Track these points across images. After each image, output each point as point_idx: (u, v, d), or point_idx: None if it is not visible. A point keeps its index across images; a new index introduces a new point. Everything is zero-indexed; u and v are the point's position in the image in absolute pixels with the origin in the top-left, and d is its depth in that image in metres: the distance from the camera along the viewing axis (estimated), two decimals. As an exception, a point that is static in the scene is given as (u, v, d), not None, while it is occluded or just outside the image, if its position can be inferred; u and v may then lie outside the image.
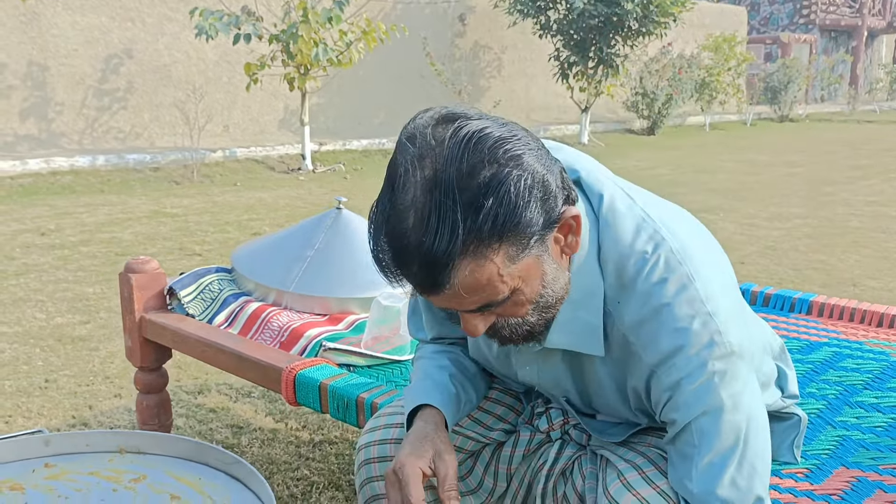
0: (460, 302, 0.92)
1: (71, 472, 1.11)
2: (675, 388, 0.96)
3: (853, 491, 1.22)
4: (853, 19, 26.01)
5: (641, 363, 0.99)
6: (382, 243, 0.89)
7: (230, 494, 1.07)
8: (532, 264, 0.92)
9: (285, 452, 2.34)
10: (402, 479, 1.00)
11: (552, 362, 1.09)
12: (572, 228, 0.95)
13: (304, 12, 7.91)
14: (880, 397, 1.54)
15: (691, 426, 0.96)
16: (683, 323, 0.95)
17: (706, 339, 0.95)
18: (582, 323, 1.01)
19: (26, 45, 8.47)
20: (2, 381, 2.84)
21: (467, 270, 0.87)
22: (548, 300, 0.97)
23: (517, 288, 0.92)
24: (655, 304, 0.96)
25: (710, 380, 0.95)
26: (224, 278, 2.05)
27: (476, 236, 0.85)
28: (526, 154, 0.88)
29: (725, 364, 0.95)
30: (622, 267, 0.99)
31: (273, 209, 6.42)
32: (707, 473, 0.96)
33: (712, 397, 0.95)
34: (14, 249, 4.83)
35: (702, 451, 0.96)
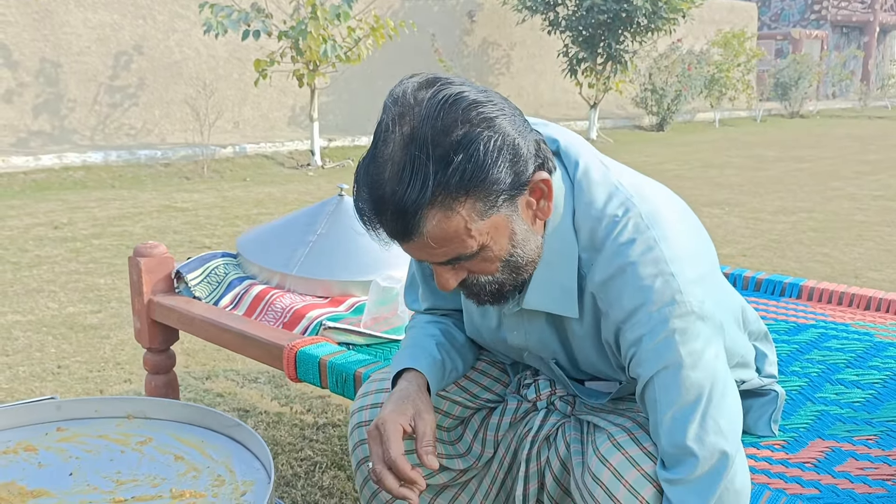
0: (431, 253, 0.98)
1: (81, 436, 1.18)
2: (637, 343, 1.01)
3: (826, 459, 1.27)
4: (865, 15, 25.87)
5: (608, 321, 1.05)
6: (363, 193, 0.96)
7: (231, 454, 1.13)
8: (501, 223, 0.98)
9: (290, 434, 2.41)
10: (383, 434, 1.06)
11: (537, 325, 1.14)
12: (544, 193, 1.01)
13: (313, 9, 7.97)
14: (861, 374, 1.59)
15: (654, 381, 1.01)
16: (646, 281, 1.00)
17: (667, 298, 1.00)
18: (557, 285, 1.07)
19: (39, 42, 8.58)
20: (16, 367, 2.92)
21: (435, 220, 0.94)
22: (518, 260, 1.02)
23: (485, 244, 0.98)
24: (621, 263, 1.02)
25: (671, 336, 0.99)
26: (229, 262, 2.11)
27: (444, 188, 0.92)
28: (499, 118, 0.95)
29: (685, 322, 1.00)
30: (594, 230, 1.04)
31: (282, 204, 6.50)
32: (671, 427, 1.01)
33: (672, 353, 1.00)
34: (28, 242, 4.92)
35: (663, 406, 1.01)
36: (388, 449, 1.04)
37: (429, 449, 1.06)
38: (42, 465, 1.11)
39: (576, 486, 1.10)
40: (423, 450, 1.06)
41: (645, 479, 1.03)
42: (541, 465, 1.20)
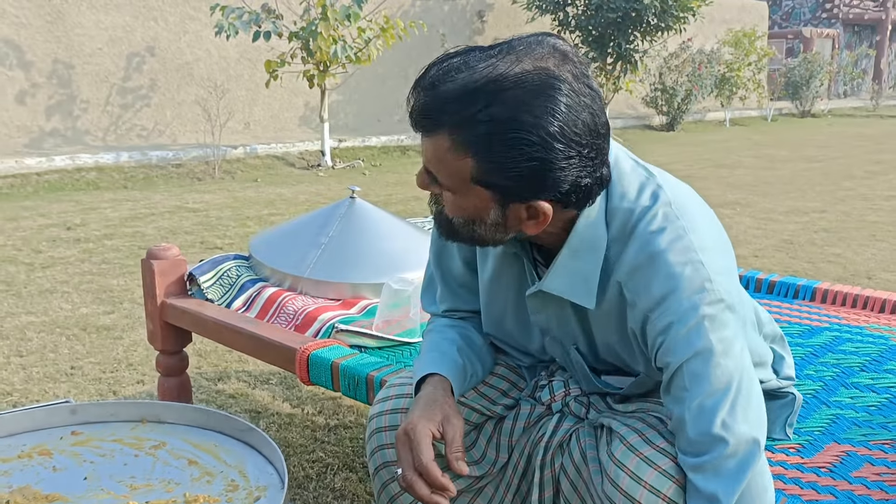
0: (425, 152, 1.03)
1: (96, 439, 1.19)
2: (666, 331, 1.00)
3: (842, 464, 1.26)
4: (877, 13, 25.70)
5: (636, 310, 1.04)
6: (432, 68, 1.00)
7: (244, 459, 1.13)
8: (483, 201, 1.01)
9: (301, 436, 2.41)
10: (412, 440, 1.05)
11: (561, 309, 1.14)
12: (538, 220, 1.03)
13: (324, 10, 7.99)
14: (876, 378, 1.58)
15: (683, 369, 1.00)
16: (676, 269, 1.00)
17: (697, 285, 1.00)
18: (579, 273, 1.07)
19: (52, 43, 8.63)
20: (30, 368, 2.93)
21: (440, 140, 0.99)
22: (478, 233, 1.05)
23: (457, 191, 1.02)
24: (651, 252, 1.02)
25: (701, 323, 0.99)
26: (242, 265, 2.12)
27: (472, 130, 0.96)
28: (570, 153, 0.96)
29: (715, 310, 1.00)
30: (625, 221, 1.05)
31: (293, 204, 6.51)
32: (699, 416, 0.99)
33: (703, 340, 0.99)
34: (41, 243, 4.95)
35: (693, 394, 0.99)
36: (418, 455, 1.04)
37: (458, 454, 1.05)
38: (57, 469, 1.12)
39: (594, 495, 1.10)
40: (452, 455, 1.05)
41: (664, 477, 1.02)
42: (555, 471, 1.19)
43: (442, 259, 1.32)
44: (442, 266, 1.32)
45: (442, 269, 1.32)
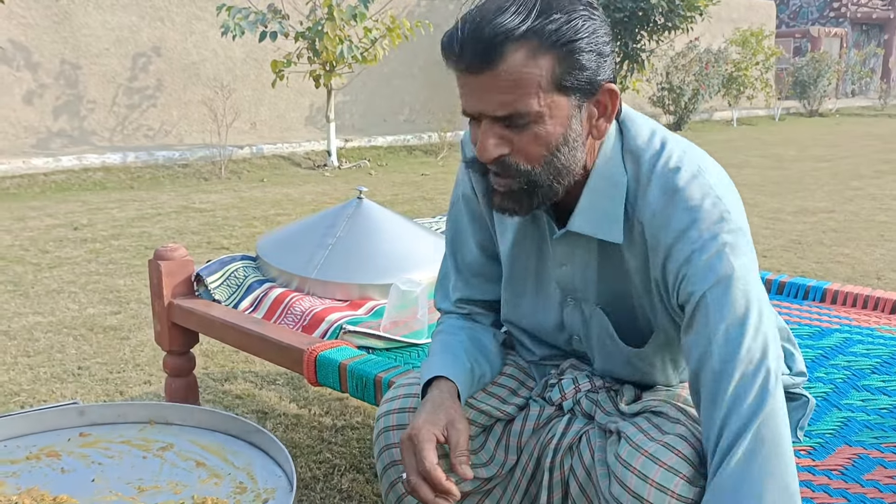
0: (492, 99, 1.00)
1: (104, 441, 1.18)
2: (688, 261, 1.02)
3: (854, 467, 1.25)
4: (885, 12, 25.59)
5: (658, 250, 1.06)
6: (466, 15, 1.01)
7: (252, 460, 1.13)
8: (563, 109, 1.02)
9: (308, 437, 2.41)
10: (416, 444, 1.05)
11: (586, 258, 1.15)
12: (606, 110, 1.06)
13: (330, 10, 7.99)
14: (887, 381, 1.56)
15: (706, 297, 1.01)
16: (695, 202, 1.04)
17: (716, 216, 1.03)
18: (603, 210, 1.09)
19: (59, 44, 8.65)
20: (37, 368, 2.94)
21: (517, 57, 0.98)
22: (559, 162, 1.04)
23: (543, 116, 1.00)
24: (669, 188, 1.05)
25: (721, 250, 1.01)
26: (249, 265, 2.12)
27: (538, 33, 0.98)
28: (601, 21, 1.04)
29: (735, 238, 1.02)
30: (640, 162, 1.09)
31: (299, 204, 6.52)
32: (726, 344, 1.00)
33: (724, 266, 1.01)
34: (48, 243, 4.96)
35: (715, 322, 1.00)
36: (422, 459, 1.04)
37: (462, 459, 1.05)
38: (65, 470, 1.12)
39: (602, 498, 1.09)
40: (456, 459, 1.06)
41: (671, 473, 1.01)
42: (564, 474, 1.19)
43: (456, 247, 1.33)
44: (456, 255, 1.33)
45: (456, 258, 1.33)
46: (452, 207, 1.35)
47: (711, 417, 1.00)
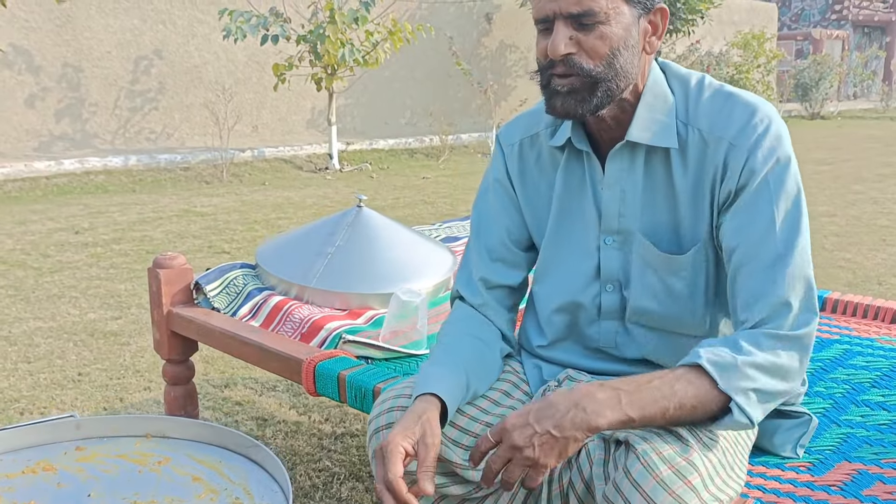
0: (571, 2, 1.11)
1: (100, 455, 1.18)
2: (753, 147, 1.15)
3: (853, 482, 1.24)
4: (887, 14, 25.57)
5: (721, 144, 1.17)
6: None
7: (248, 476, 1.13)
8: (626, 16, 1.14)
9: (308, 444, 2.40)
10: (385, 455, 1.07)
11: (634, 178, 1.24)
12: (657, 29, 1.19)
13: (331, 13, 8.00)
14: (887, 395, 1.56)
15: (768, 178, 1.14)
16: (751, 100, 1.19)
17: (770, 109, 1.18)
18: (658, 121, 1.21)
19: (61, 47, 8.66)
20: (37, 374, 2.94)
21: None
22: (620, 63, 1.16)
23: (609, 16, 1.12)
24: (724, 95, 1.20)
25: (779, 134, 1.17)
26: (248, 274, 2.11)
27: None
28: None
29: (783, 130, 1.18)
30: (687, 84, 1.24)
31: (300, 208, 6.52)
32: (788, 224, 1.13)
33: (783, 148, 1.16)
34: (49, 248, 4.97)
35: (779, 201, 1.13)
36: (387, 470, 1.06)
37: (427, 474, 1.06)
38: (61, 485, 1.12)
39: None
40: (421, 473, 1.07)
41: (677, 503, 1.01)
42: (563, 486, 1.18)
43: (482, 231, 1.39)
44: (481, 237, 1.38)
45: (480, 240, 1.38)
46: (480, 199, 1.41)
47: (765, 282, 1.12)
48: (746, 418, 1.08)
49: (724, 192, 1.18)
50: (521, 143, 1.37)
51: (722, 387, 1.06)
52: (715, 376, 1.07)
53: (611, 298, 1.30)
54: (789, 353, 1.11)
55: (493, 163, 1.41)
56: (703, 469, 1.05)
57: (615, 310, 1.30)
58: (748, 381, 1.07)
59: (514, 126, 1.39)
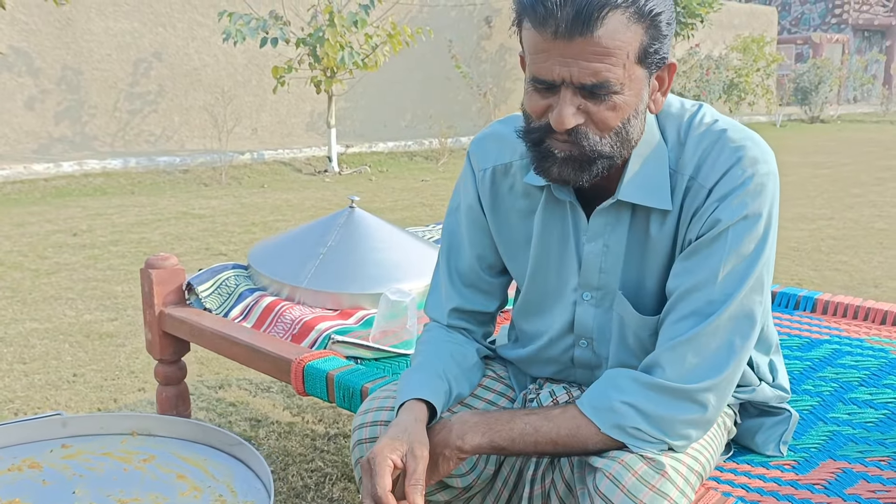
0: (583, 66, 1.00)
1: (86, 453, 1.19)
2: (725, 197, 1.08)
3: (837, 481, 1.25)
4: (887, 18, 25.59)
5: (699, 194, 1.10)
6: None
7: (233, 473, 1.13)
8: (640, 81, 1.05)
9: (301, 445, 2.41)
10: (372, 468, 1.04)
11: (618, 234, 1.17)
12: (663, 84, 1.10)
13: (331, 16, 8.01)
14: (874, 394, 1.56)
15: (728, 231, 1.07)
16: (739, 142, 1.10)
17: (758, 154, 1.10)
18: (650, 177, 1.13)
19: (60, 50, 8.68)
20: (32, 375, 2.94)
21: (614, 24, 0.98)
22: (627, 133, 1.07)
23: (624, 85, 1.02)
24: (715, 135, 1.12)
25: (760, 187, 1.08)
26: (240, 274, 2.12)
27: (634, 4, 0.99)
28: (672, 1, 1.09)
29: (767, 181, 1.09)
30: (678, 124, 1.15)
31: (299, 210, 6.53)
32: (730, 279, 1.07)
33: (756, 203, 1.08)
34: (47, 249, 4.98)
35: (730, 255, 1.07)
36: (375, 484, 1.03)
37: (417, 488, 1.03)
38: (46, 482, 1.12)
39: None
40: (409, 487, 1.04)
41: (659, 497, 1.02)
42: (546, 487, 1.19)
43: (451, 256, 1.33)
44: (451, 265, 1.33)
45: (450, 267, 1.33)
46: (451, 216, 1.35)
47: (680, 330, 1.08)
48: (647, 445, 1.07)
49: (689, 237, 1.12)
50: (494, 170, 1.27)
51: (602, 428, 1.07)
52: (592, 417, 1.08)
53: (584, 353, 1.26)
54: (673, 405, 1.06)
55: (464, 184, 1.32)
56: (683, 466, 1.06)
57: (589, 363, 1.27)
58: (626, 420, 1.06)
59: (486, 150, 1.28)
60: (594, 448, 1.09)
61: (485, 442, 1.09)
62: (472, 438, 1.09)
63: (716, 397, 1.08)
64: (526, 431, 1.09)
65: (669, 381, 1.07)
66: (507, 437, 1.09)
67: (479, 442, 1.09)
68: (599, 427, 1.07)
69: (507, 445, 1.09)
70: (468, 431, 1.10)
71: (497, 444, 1.09)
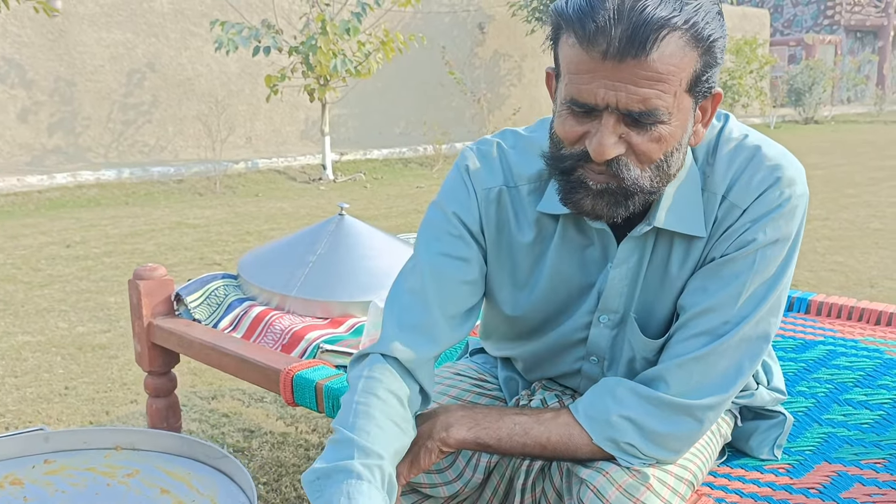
0: (630, 92, 0.91)
1: (69, 468, 1.17)
2: (761, 218, 1.03)
3: (832, 485, 1.23)
4: (879, 19, 25.68)
5: (733, 213, 1.04)
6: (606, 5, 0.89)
7: (217, 488, 1.11)
8: (687, 111, 0.97)
9: (294, 455, 2.39)
10: None
11: (643, 255, 1.09)
12: (706, 114, 1.02)
13: (323, 24, 8.01)
14: (869, 395, 1.55)
15: (757, 254, 1.03)
16: (775, 161, 1.04)
17: (794, 174, 1.04)
18: (684, 201, 1.05)
19: (53, 61, 8.67)
20: (24, 389, 2.92)
21: (671, 47, 0.90)
22: (668, 167, 0.98)
23: (672, 115, 0.94)
24: (748, 150, 1.05)
25: (794, 210, 1.04)
26: (230, 284, 2.10)
27: (693, 26, 0.91)
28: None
29: (800, 202, 1.04)
30: (707, 141, 1.08)
31: (293, 218, 6.51)
32: (750, 301, 1.03)
33: (790, 226, 1.03)
34: (40, 261, 4.95)
35: (754, 278, 1.03)
36: None
37: None
38: (28, 499, 1.10)
39: None
40: None
41: None
42: (536, 496, 1.17)
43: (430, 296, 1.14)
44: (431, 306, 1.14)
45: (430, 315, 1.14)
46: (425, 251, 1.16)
47: (692, 347, 1.04)
48: (636, 461, 1.04)
49: (713, 255, 1.06)
50: (501, 191, 1.13)
51: (595, 439, 1.05)
52: (586, 427, 1.05)
53: (592, 368, 1.22)
54: (671, 421, 1.03)
55: (456, 199, 1.14)
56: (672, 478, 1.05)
57: (595, 376, 1.22)
58: (621, 435, 1.04)
59: (491, 168, 1.14)
60: (583, 456, 1.07)
61: (470, 437, 1.05)
62: (458, 432, 1.05)
63: (714, 414, 1.06)
64: (514, 432, 1.06)
65: (672, 396, 1.04)
66: (494, 435, 1.06)
67: (464, 436, 1.05)
68: (592, 438, 1.05)
69: (493, 444, 1.06)
70: (454, 424, 1.05)
71: (483, 441, 1.06)
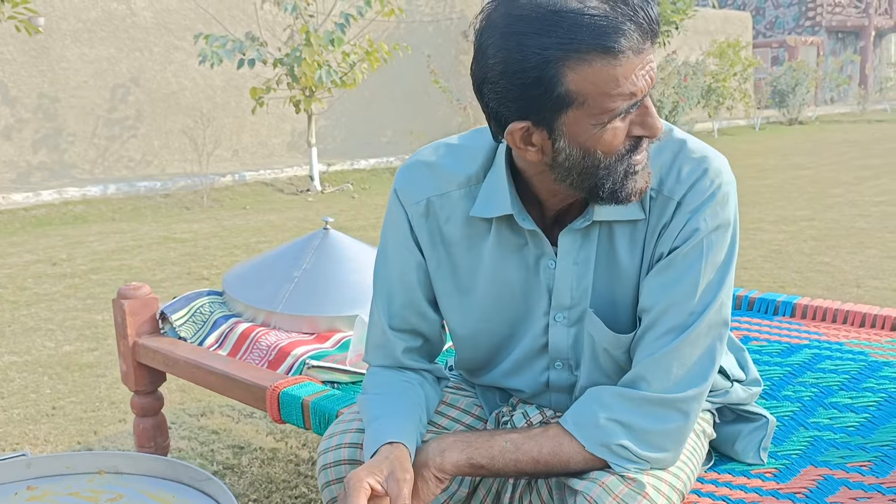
0: (651, 69, 1.02)
1: (52, 494, 1.16)
2: (699, 208, 1.08)
3: (818, 489, 1.24)
4: (860, 19, 25.92)
5: (668, 207, 1.10)
6: None
7: (201, 510, 1.10)
8: None
9: (284, 471, 2.38)
10: (347, 493, 1.00)
11: (587, 249, 1.13)
12: None
13: (307, 35, 8.02)
14: (855, 397, 1.55)
15: (703, 242, 1.08)
16: (700, 153, 1.11)
17: (720, 164, 1.11)
18: None
19: (37, 78, 8.64)
20: (11, 410, 2.90)
21: None
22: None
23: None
24: (674, 144, 1.11)
25: (727, 196, 1.10)
26: (215, 301, 2.09)
27: None
28: None
29: (731, 189, 1.11)
30: None
31: (281, 230, 6.49)
32: (708, 289, 1.09)
33: (726, 212, 1.10)
34: (26, 280, 4.92)
35: (707, 266, 1.09)
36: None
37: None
38: (10, 527, 1.09)
39: None
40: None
41: None
42: (523, 508, 1.17)
43: (389, 305, 1.23)
44: (389, 311, 1.23)
45: (390, 315, 1.23)
46: (383, 260, 1.24)
47: (664, 343, 1.07)
48: (630, 465, 1.06)
49: (660, 251, 1.10)
50: (429, 201, 1.17)
51: (587, 446, 1.06)
52: (576, 435, 1.06)
53: (560, 376, 1.21)
54: (658, 417, 1.06)
55: (393, 224, 1.21)
56: (666, 487, 1.05)
57: (564, 386, 1.22)
58: (612, 437, 1.05)
59: (416, 182, 1.19)
60: (576, 467, 1.07)
61: (463, 459, 1.07)
62: (451, 455, 1.07)
63: (698, 405, 1.09)
64: (506, 449, 1.07)
65: (656, 392, 1.06)
66: (486, 454, 1.07)
67: (457, 459, 1.07)
68: (584, 445, 1.06)
69: (486, 463, 1.07)
70: (447, 448, 1.08)
71: (476, 461, 1.07)
